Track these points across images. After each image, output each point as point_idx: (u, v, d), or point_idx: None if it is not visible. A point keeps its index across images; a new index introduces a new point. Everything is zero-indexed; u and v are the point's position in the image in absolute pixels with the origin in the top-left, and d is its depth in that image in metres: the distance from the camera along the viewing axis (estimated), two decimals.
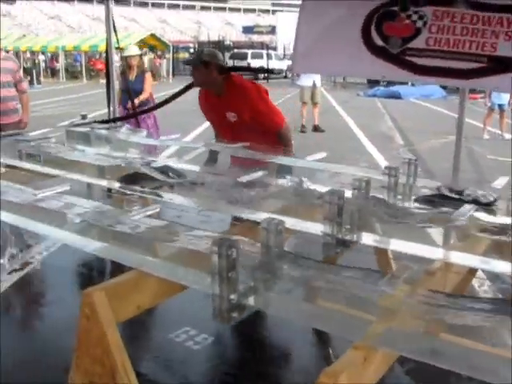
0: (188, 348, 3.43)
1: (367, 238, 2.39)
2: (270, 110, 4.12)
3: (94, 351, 1.86)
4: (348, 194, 2.43)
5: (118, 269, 2.45)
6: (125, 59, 7.49)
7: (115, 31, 5.48)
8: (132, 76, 7.37)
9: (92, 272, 4.74)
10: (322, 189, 2.78)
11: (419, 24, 3.58)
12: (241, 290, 1.66)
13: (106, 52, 5.70)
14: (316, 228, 2.36)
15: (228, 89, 4.01)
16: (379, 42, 3.75)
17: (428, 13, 3.56)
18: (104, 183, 3.37)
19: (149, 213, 2.19)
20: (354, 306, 1.70)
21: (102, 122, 4.66)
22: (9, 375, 3.11)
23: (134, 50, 7.68)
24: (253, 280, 1.70)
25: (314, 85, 12.64)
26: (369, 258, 2.84)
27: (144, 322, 3.57)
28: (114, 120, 5.24)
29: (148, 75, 7.65)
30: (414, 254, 2.20)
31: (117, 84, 7.01)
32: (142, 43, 32.78)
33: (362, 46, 3.81)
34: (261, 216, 2.36)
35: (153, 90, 7.63)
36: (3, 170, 3.25)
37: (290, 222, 2.30)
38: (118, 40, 5.58)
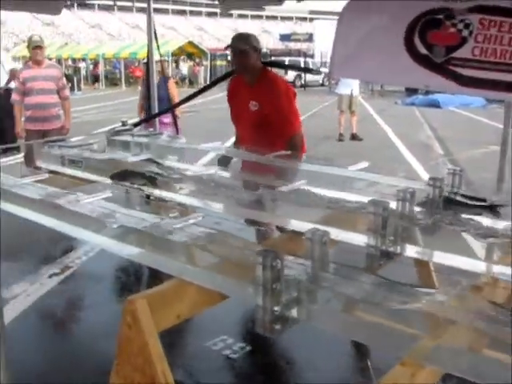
0: (225, 357, 3.41)
1: (411, 250, 2.35)
2: (292, 111, 4.10)
3: (135, 359, 1.85)
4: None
5: (155, 275, 2.46)
6: (146, 65, 7.12)
7: (156, 39, 5.53)
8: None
9: (129, 277, 4.78)
10: (362, 199, 2.74)
11: (465, 33, 3.48)
12: (284, 302, 1.63)
13: (147, 59, 5.77)
14: (359, 239, 2.32)
15: (260, 79, 4.03)
16: (423, 50, 3.66)
17: (474, 21, 3.46)
18: (144, 190, 3.38)
19: (191, 221, 2.18)
20: (399, 320, 1.66)
21: (136, 124, 4.82)
22: (46, 378, 3.14)
23: (156, 57, 7.44)
24: (296, 291, 1.67)
25: (352, 93, 12.56)
26: (408, 270, 2.79)
27: (181, 330, 3.56)
28: (146, 120, 5.34)
29: (171, 82, 7.42)
30: (457, 267, 2.15)
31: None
32: (180, 50, 33.20)
33: (404, 53, 3.73)
34: (303, 226, 2.33)
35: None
36: (46, 175, 3.29)
37: (332, 232, 2.26)
38: (158, 47, 5.63)
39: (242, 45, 3.98)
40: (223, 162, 4.07)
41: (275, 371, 3.42)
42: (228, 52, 4.53)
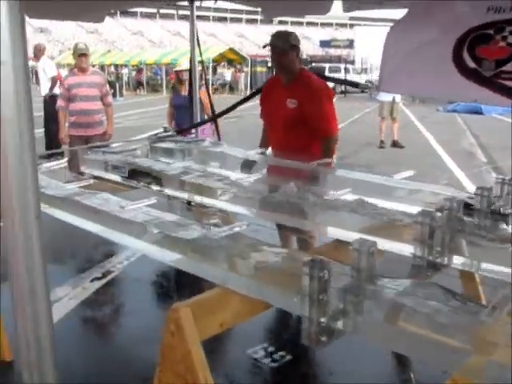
0: (265, 365, 3.38)
1: (457, 261, 2.29)
2: (331, 112, 4.04)
3: (177, 367, 1.84)
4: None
5: (196, 281, 2.45)
6: (176, 73, 7.22)
7: (199, 46, 5.56)
8: (184, 91, 6.72)
9: (170, 283, 4.79)
10: (407, 208, 2.69)
11: None
12: (331, 313, 1.60)
13: (190, 66, 5.79)
14: (405, 249, 2.27)
15: (298, 78, 4.00)
16: (471, 64, 3.58)
17: None
18: (185, 196, 3.40)
19: (236, 229, 2.17)
20: (450, 334, 1.61)
21: (179, 131, 4.85)
22: (88, 382, 3.17)
23: (186, 64, 6.83)
24: (343, 303, 1.63)
25: (394, 100, 12.42)
26: (454, 281, 2.73)
27: (222, 336, 3.54)
28: (193, 127, 5.38)
29: (202, 91, 6.84)
30: (504, 280, 2.09)
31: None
32: (220, 57, 33.40)
33: (452, 67, 3.66)
34: (348, 235, 2.30)
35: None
36: (91, 181, 3.32)
37: (378, 242, 2.22)
38: (201, 54, 5.66)
39: (281, 43, 3.94)
40: (246, 165, 4.04)
41: (315, 381, 3.38)
42: (268, 58, 4.51)
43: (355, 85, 11.81)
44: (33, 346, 1.39)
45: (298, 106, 3.91)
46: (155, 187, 3.45)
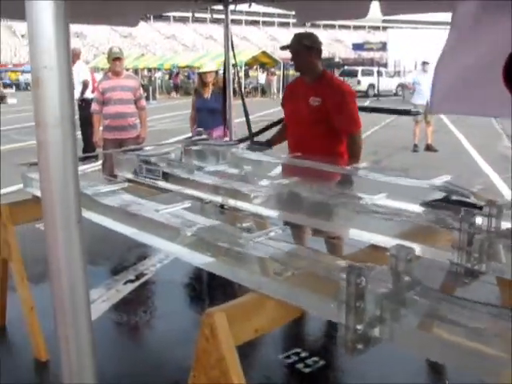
0: (298, 370, 3.36)
1: (497, 269, 2.23)
2: (355, 109, 4.14)
3: (211, 372, 1.83)
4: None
5: (229, 285, 2.43)
6: (199, 76, 6.91)
7: (233, 49, 5.58)
8: (207, 94, 6.62)
9: (202, 286, 4.81)
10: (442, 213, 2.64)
11: None
12: (368, 321, 1.57)
13: (224, 69, 5.81)
14: (442, 255, 2.23)
15: (321, 78, 4.13)
16: None
17: None
18: (218, 199, 3.39)
19: (272, 234, 2.15)
20: (488, 343, 1.57)
21: (242, 140, 4.92)
22: None
23: (210, 66, 6.95)
24: (380, 310, 1.60)
25: (428, 103, 12.27)
26: (492, 289, 2.67)
27: (254, 341, 3.53)
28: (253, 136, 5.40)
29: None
30: None
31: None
32: (253, 60, 33.47)
33: (504, 87, 3.60)
34: (383, 240, 2.27)
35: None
36: (125, 184, 3.34)
37: (414, 247, 2.18)
38: (235, 57, 5.68)
39: (295, 45, 4.11)
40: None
41: None
42: None
43: (406, 112, 11.53)
44: (72, 347, 1.39)
45: (321, 104, 4.00)
46: (188, 190, 3.45)
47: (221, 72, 6.50)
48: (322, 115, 4.00)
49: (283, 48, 4.27)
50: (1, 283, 3.75)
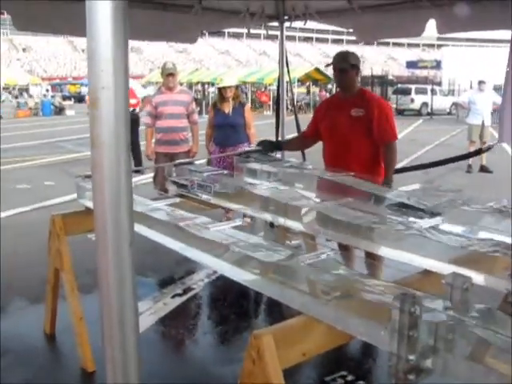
0: None
1: None
2: (392, 120, 4.31)
3: None
4: None
5: (275, 304, 2.39)
6: (219, 91, 6.65)
7: (287, 66, 5.58)
8: (228, 109, 6.40)
9: (249, 303, 4.78)
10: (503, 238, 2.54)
11: None
12: (420, 351, 1.51)
13: (278, 85, 5.82)
14: (499, 283, 2.14)
15: (358, 93, 4.32)
16: None
17: None
18: (268, 217, 3.37)
19: (323, 256, 2.11)
20: None
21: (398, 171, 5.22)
22: None
23: (230, 81, 6.75)
24: (434, 340, 1.54)
25: (483, 123, 12.01)
26: None
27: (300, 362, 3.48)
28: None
29: (247, 108, 6.69)
30: None
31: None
32: (306, 77, 33.49)
33: None
34: (437, 265, 2.20)
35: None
36: (177, 199, 3.36)
37: (468, 274, 2.10)
38: (289, 72, 5.68)
39: (342, 63, 4.26)
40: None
41: None
42: None
43: (476, 153, 11.18)
44: (118, 359, 1.38)
45: (364, 114, 4.15)
46: (238, 206, 3.45)
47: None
48: (363, 125, 4.15)
49: (328, 65, 4.43)
50: (52, 292, 3.82)
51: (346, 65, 4.23)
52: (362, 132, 4.16)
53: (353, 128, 4.17)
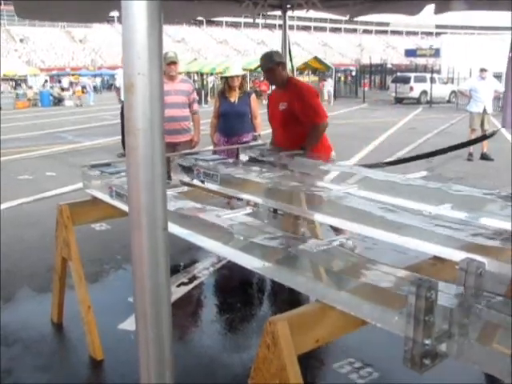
0: (351, 381, 3.30)
1: None
2: (317, 103, 4.82)
3: (271, 381, 1.81)
4: None
5: (282, 290, 2.39)
6: (225, 80, 6.61)
7: (290, 54, 5.58)
8: (234, 98, 6.40)
9: (254, 291, 4.80)
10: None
11: None
12: (436, 335, 1.53)
13: None
14: (507, 269, 2.16)
15: (288, 85, 4.82)
16: None
17: None
18: (273, 204, 3.39)
19: (335, 243, 2.12)
20: None
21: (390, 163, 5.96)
22: None
23: (236, 70, 6.66)
24: (448, 324, 1.56)
25: (485, 110, 11.99)
26: None
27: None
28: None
29: (253, 97, 6.68)
30: None
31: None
32: (305, 66, 33.38)
33: None
34: (447, 252, 2.21)
35: None
36: (185, 188, 3.37)
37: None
38: (291, 61, 5.68)
39: (268, 64, 4.75)
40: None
41: None
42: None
43: (480, 139, 11.14)
44: (152, 350, 1.40)
45: (287, 107, 4.70)
46: (245, 195, 3.46)
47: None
48: (289, 116, 4.67)
49: (257, 67, 5.01)
50: (60, 282, 3.83)
51: (271, 64, 4.73)
52: (291, 121, 4.67)
53: (283, 120, 4.74)
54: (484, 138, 11.20)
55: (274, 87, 5.25)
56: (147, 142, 1.18)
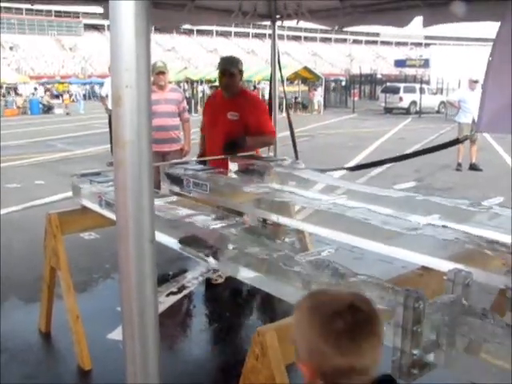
0: None
1: None
2: (269, 119, 4.96)
3: None
4: None
5: (271, 300, 2.39)
6: (215, 88, 6.90)
7: (279, 64, 5.60)
8: None
9: (244, 301, 4.80)
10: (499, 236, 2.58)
11: None
12: (424, 345, 1.54)
13: (270, 84, 5.83)
14: (497, 280, 2.17)
15: (239, 94, 4.76)
16: None
17: None
18: (260, 213, 3.40)
19: (324, 254, 2.13)
20: None
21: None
22: None
23: None
24: (435, 335, 1.57)
25: (474, 121, 12.07)
26: None
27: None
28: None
29: None
30: None
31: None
32: (294, 75, 33.48)
33: None
34: (436, 262, 2.23)
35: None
36: (174, 198, 3.37)
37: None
38: (281, 71, 5.70)
39: (232, 68, 4.71)
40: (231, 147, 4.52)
41: None
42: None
43: (453, 142, 11.30)
44: (139, 362, 1.40)
45: (239, 119, 4.60)
46: (233, 205, 3.46)
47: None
48: (239, 127, 4.57)
49: (217, 69, 4.89)
50: (48, 291, 3.81)
51: (235, 70, 4.70)
52: (237, 132, 4.55)
53: (230, 129, 4.57)
54: (456, 142, 11.31)
55: (213, 93, 5.25)
56: (134, 154, 1.18)
